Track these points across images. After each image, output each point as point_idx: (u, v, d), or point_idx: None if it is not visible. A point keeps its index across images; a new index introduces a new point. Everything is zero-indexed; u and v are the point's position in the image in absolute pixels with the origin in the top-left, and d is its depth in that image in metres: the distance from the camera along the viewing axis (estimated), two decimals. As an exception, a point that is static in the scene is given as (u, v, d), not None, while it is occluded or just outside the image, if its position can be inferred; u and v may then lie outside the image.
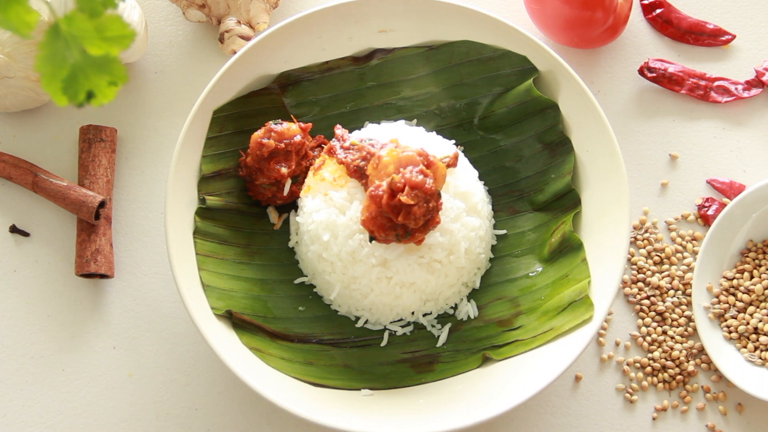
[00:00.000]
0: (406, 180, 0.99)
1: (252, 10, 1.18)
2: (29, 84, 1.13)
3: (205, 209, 1.08)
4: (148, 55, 1.21)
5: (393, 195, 0.99)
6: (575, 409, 1.12)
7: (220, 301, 1.05)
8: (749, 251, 1.14)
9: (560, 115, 1.11)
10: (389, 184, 1.00)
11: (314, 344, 1.08)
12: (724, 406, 1.12)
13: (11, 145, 1.18)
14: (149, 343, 1.13)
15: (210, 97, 1.07)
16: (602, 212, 1.07)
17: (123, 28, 0.73)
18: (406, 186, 0.99)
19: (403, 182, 0.99)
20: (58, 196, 1.13)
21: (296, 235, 1.12)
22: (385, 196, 1.00)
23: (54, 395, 1.11)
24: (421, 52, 1.14)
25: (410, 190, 0.99)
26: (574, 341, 1.02)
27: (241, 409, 1.11)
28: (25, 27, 0.72)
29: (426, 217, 1.00)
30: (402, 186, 0.99)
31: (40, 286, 1.14)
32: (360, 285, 1.06)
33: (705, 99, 1.21)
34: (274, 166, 1.09)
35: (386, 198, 0.99)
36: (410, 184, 0.99)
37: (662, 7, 1.24)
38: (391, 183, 0.99)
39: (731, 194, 1.18)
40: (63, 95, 0.73)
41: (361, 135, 1.09)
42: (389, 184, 1.00)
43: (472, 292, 1.12)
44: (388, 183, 1.00)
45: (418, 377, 1.07)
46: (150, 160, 1.18)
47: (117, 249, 1.15)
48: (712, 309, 1.13)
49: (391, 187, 0.99)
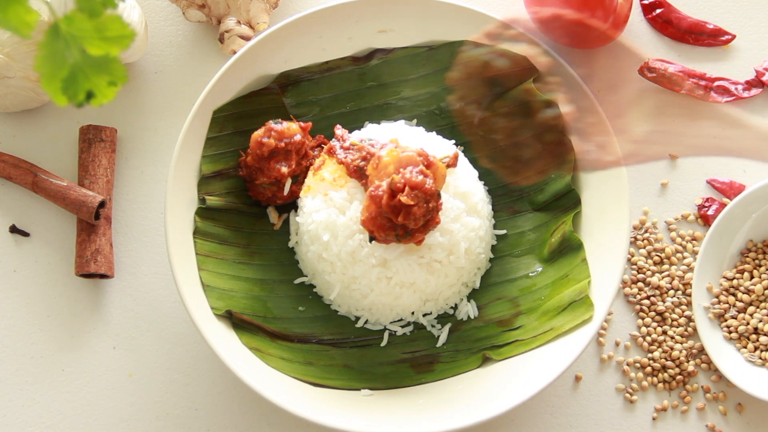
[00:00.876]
0: (406, 180, 0.99)
1: (252, 10, 1.18)
2: (29, 84, 1.13)
3: (205, 209, 1.08)
4: (148, 55, 1.21)
5: (393, 195, 0.99)
6: (575, 409, 1.12)
7: (220, 301, 1.05)
8: (749, 251, 1.14)
9: (560, 115, 1.11)
10: (389, 184, 0.99)
11: (314, 344, 1.08)
12: (724, 406, 1.12)
13: (11, 145, 1.18)
14: (149, 343, 1.13)
15: (210, 97, 1.07)
16: (602, 212, 1.07)
17: (123, 28, 0.73)
18: (406, 186, 0.99)
19: (403, 182, 0.99)
20: (58, 196, 1.13)
21: (296, 235, 1.12)
22: (385, 197, 0.99)
23: (54, 395, 1.11)
24: (421, 52, 1.14)
25: (410, 191, 0.98)
26: (574, 341, 1.02)
27: (241, 409, 1.11)
28: (25, 27, 0.72)
29: (426, 218, 1.00)
30: (402, 186, 0.99)
31: (40, 286, 1.14)
32: (360, 285, 1.06)
33: (705, 99, 1.21)
34: (275, 166, 1.09)
35: (386, 198, 0.99)
36: (410, 185, 0.99)
37: (662, 7, 1.24)
38: (391, 183, 0.99)
39: (731, 194, 1.18)
40: (63, 95, 0.73)
41: (361, 135, 1.09)
42: (389, 184, 0.99)
43: (472, 292, 1.12)
44: (388, 183, 1.00)
45: (418, 377, 1.07)
46: (150, 160, 1.18)
47: (117, 249, 1.15)
48: (712, 309, 1.12)
49: (391, 187, 0.99)
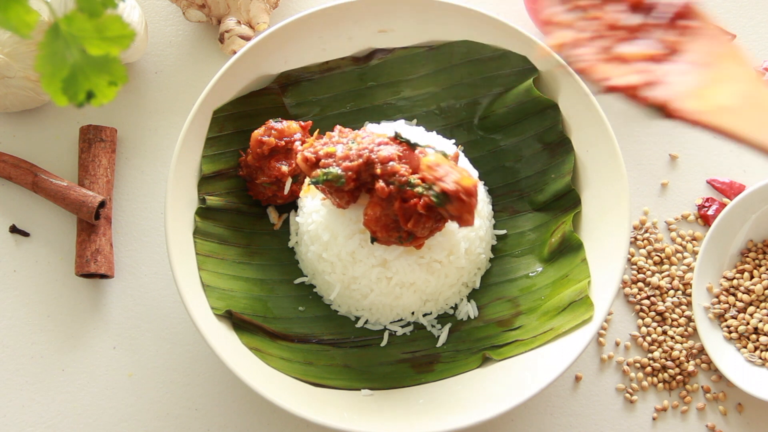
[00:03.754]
0: (462, 187, 0.96)
1: (252, 10, 1.18)
2: (29, 84, 1.13)
3: (205, 209, 1.08)
4: (148, 55, 1.21)
5: (404, 199, 0.98)
6: (575, 409, 1.12)
7: (220, 301, 1.05)
8: (749, 251, 1.14)
9: (560, 115, 1.11)
10: (402, 188, 0.98)
11: (314, 344, 1.08)
12: (724, 406, 1.12)
13: (11, 145, 1.18)
14: (149, 343, 1.13)
15: (210, 97, 1.07)
16: (602, 212, 1.07)
17: (123, 28, 0.73)
18: (444, 192, 0.96)
19: (455, 189, 0.96)
20: (58, 196, 1.13)
21: (296, 235, 1.12)
22: (397, 202, 0.98)
23: (54, 395, 1.11)
24: (421, 52, 1.14)
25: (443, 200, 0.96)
26: (574, 341, 1.02)
27: (241, 409, 1.11)
28: (25, 27, 0.72)
29: (434, 229, 1.00)
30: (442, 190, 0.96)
31: (40, 286, 1.14)
32: (360, 285, 1.06)
33: (705, 99, 1.21)
34: (275, 165, 1.09)
35: (398, 203, 0.98)
36: (463, 191, 0.96)
37: (662, 7, 1.24)
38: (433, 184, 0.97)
39: (731, 194, 1.18)
40: (63, 95, 0.73)
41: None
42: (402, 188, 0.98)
43: (472, 292, 1.12)
44: (396, 185, 0.98)
45: (418, 377, 1.07)
46: (150, 160, 1.18)
47: (117, 249, 1.15)
48: (712, 309, 1.12)
49: (406, 191, 0.97)
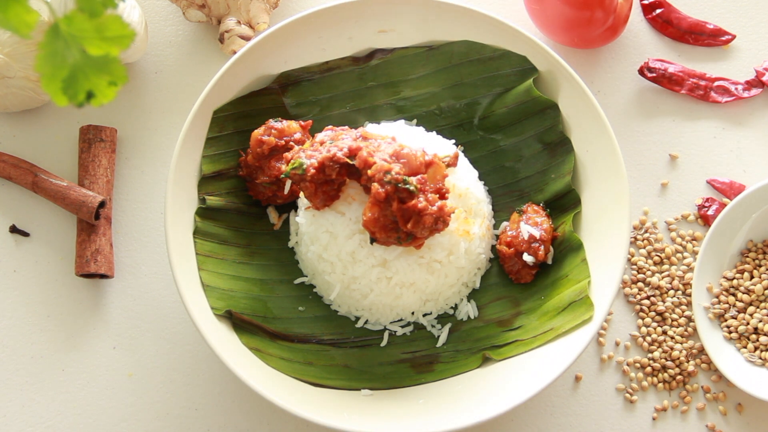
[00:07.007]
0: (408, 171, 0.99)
1: (252, 10, 1.18)
2: (29, 84, 1.13)
3: (205, 209, 1.08)
4: (148, 55, 1.21)
5: (401, 200, 0.98)
6: (575, 409, 1.12)
7: (220, 301, 1.05)
8: (749, 251, 1.14)
9: (560, 115, 1.11)
10: (388, 182, 0.98)
11: (314, 344, 1.08)
12: (724, 406, 1.12)
13: (11, 145, 1.18)
14: (149, 343, 1.13)
15: (210, 97, 1.07)
16: (602, 212, 1.07)
17: (123, 28, 0.73)
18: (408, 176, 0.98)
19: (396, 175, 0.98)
20: (58, 196, 1.13)
21: (296, 235, 1.12)
22: (395, 202, 0.98)
23: (54, 395, 1.11)
24: (421, 52, 1.14)
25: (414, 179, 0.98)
26: (574, 341, 1.02)
27: (241, 409, 1.11)
28: (25, 27, 0.72)
29: (433, 229, 1.00)
30: (399, 178, 0.98)
31: (40, 286, 1.14)
32: (360, 285, 1.06)
33: (705, 99, 1.21)
34: (275, 164, 1.09)
35: (396, 204, 0.98)
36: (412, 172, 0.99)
37: (662, 7, 1.24)
38: (390, 179, 0.98)
39: (731, 194, 1.18)
40: (63, 95, 0.73)
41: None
42: (388, 182, 0.98)
43: (472, 292, 1.12)
44: (390, 182, 0.98)
45: (418, 377, 1.07)
46: (150, 160, 1.18)
47: (117, 249, 1.15)
48: (712, 309, 1.12)
49: (390, 182, 0.98)
